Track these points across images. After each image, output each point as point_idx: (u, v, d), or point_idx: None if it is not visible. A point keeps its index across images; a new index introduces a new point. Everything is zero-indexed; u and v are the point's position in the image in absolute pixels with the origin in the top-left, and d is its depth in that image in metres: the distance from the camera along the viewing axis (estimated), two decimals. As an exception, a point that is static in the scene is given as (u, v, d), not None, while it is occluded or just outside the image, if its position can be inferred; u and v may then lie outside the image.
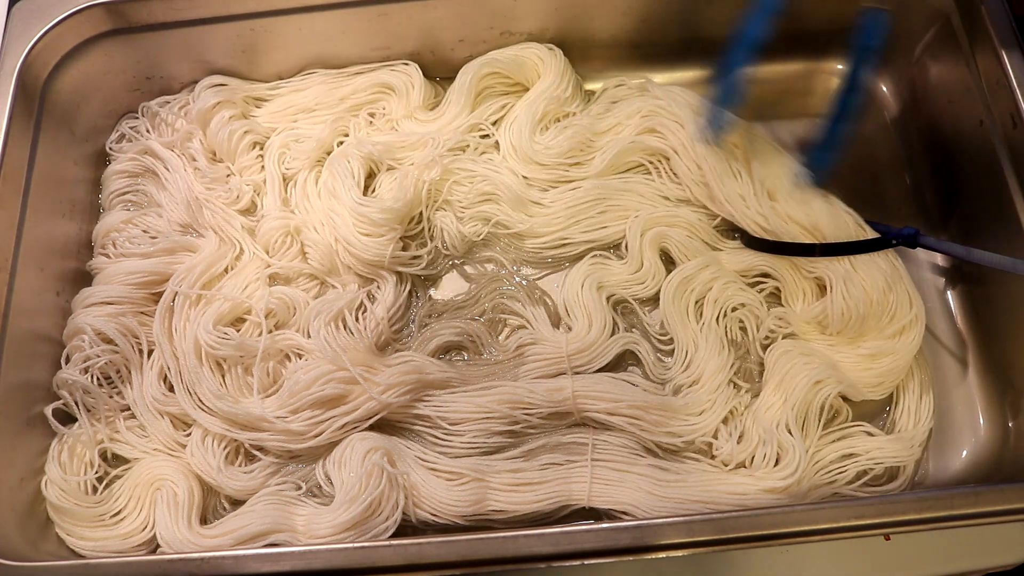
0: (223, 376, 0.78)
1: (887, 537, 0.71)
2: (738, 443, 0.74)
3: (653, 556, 0.63)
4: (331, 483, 0.74)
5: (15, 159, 0.80)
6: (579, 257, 0.85)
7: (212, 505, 0.76)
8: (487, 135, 0.89)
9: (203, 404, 0.77)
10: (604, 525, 0.64)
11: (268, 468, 0.76)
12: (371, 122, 0.91)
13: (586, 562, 0.63)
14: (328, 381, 0.75)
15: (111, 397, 0.79)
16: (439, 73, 0.94)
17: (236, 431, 0.76)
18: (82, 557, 0.73)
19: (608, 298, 0.82)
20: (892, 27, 0.89)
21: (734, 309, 0.81)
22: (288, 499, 0.74)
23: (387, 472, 0.71)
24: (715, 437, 0.75)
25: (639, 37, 0.92)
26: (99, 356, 0.78)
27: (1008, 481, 0.72)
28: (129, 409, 0.79)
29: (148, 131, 0.91)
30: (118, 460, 0.79)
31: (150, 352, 0.80)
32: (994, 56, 0.79)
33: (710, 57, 0.94)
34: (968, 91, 0.82)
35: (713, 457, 0.75)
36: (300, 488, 0.75)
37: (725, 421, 0.76)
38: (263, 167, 0.89)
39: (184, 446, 0.77)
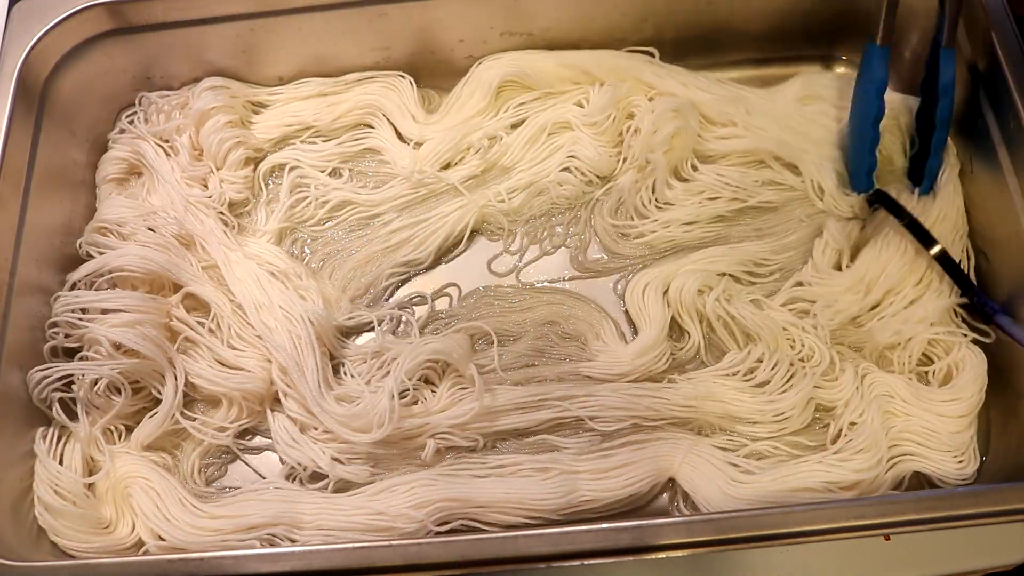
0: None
1: (887, 537, 0.71)
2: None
3: (653, 556, 0.63)
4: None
5: (15, 159, 0.81)
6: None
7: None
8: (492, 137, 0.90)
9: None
10: (604, 525, 0.64)
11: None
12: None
13: (586, 562, 0.63)
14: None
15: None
16: (439, 72, 0.94)
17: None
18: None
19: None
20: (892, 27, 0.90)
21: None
22: (296, 492, 0.74)
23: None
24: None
25: (639, 37, 0.92)
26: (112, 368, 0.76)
27: (1008, 481, 0.72)
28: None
29: (144, 121, 0.91)
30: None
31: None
32: (994, 56, 0.79)
33: (709, 57, 0.95)
34: (968, 91, 0.82)
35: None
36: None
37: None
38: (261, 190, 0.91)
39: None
